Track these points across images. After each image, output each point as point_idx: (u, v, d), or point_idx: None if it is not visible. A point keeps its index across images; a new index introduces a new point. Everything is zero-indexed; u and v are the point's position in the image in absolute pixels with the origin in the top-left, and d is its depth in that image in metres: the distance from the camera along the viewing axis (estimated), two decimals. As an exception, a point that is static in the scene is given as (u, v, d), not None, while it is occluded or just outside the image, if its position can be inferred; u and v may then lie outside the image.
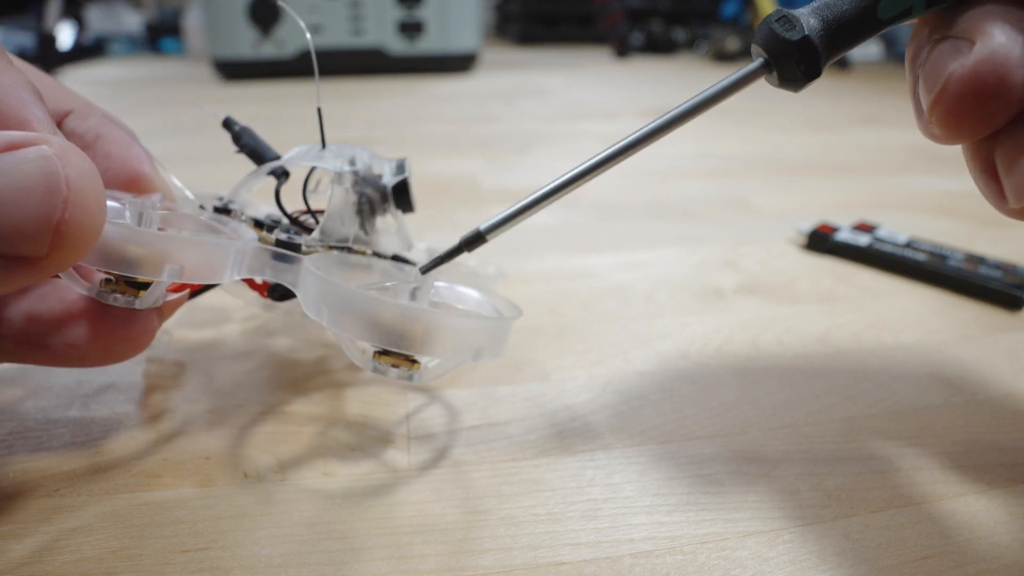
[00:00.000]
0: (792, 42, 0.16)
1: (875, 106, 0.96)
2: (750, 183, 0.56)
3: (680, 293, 0.35)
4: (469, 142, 0.70)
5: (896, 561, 0.18)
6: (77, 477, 0.21)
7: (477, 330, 0.19)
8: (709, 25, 1.82)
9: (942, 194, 0.54)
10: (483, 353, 0.19)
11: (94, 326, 0.18)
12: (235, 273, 0.19)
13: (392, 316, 0.18)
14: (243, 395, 0.25)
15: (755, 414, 0.25)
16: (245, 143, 0.25)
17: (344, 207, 0.23)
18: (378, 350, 0.19)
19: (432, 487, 0.21)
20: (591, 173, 0.19)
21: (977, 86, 0.14)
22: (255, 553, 0.18)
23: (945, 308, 0.34)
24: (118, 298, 0.18)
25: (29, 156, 0.13)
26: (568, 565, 0.18)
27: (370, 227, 0.24)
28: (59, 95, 0.22)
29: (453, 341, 0.18)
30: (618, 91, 1.07)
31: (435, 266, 0.21)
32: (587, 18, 1.84)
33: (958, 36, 0.15)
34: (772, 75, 0.17)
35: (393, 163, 0.25)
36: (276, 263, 0.20)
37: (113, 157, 0.21)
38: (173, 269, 0.17)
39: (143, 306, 0.19)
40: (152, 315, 0.19)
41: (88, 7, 1.76)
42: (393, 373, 0.19)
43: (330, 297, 0.18)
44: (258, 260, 0.20)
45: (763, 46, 0.16)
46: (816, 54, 0.16)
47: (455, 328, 0.18)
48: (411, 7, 1.18)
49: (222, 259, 0.18)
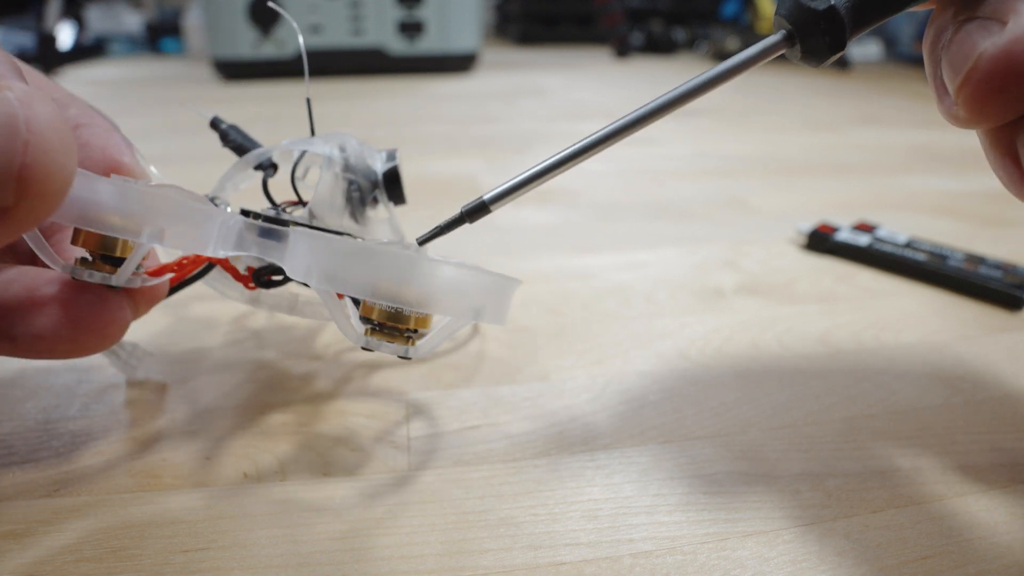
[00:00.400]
0: (818, 11, 0.16)
1: (875, 106, 0.96)
2: (750, 183, 0.56)
3: (680, 293, 0.35)
4: (469, 142, 0.70)
5: (896, 561, 0.18)
6: (77, 477, 0.21)
7: (477, 285, 0.18)
8: (709, 25, 1.82)
9: (942, 194, 0.54)
10: (484, 313, 0.18)
11: (62, 315, 0.17)
12: (220, 247, 0.18)
13: (387, 267, 0.17)
14: (243, 396, 0.25)
15: (755, 414, 0.25)
16: (232, 139, 0.25)
17: (334, 192, 0.22)
18: (373, 326, 0.18)
19: (432, 487, 0.21)
20: (598, 146, 0.18)
21: (1010, 66, 0.14)
22: (255, 553, 0.18)
23: (945, 308, 0.34)
24: (93, 274, 0.17)
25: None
26: (568, 565, 0.18)
27: (361, 217, 0.24)
28: (39, 84, 0.21)
29: (451, 295, 0.17)
30: (618, 91, 1.07)
31: (434, 236, 0.20)
32: (587, 18, 1.84)
33: (987, 16, 0.15)
34: (794, 48, 0.16)
35: (383, 153, 0.24)
36: (263, 240, 0.19)
37: (92, 147, 0.20)
38: (153, 231, 0.16)
39: (119, 282, 0.18)
40: (124, 304, 0.18)
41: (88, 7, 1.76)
42: (387, 348, 0.18)
43: (321, 253, 0.17)
44: (244, 235, 0.19)
45: (786, 16, 0.16)
46: (842, 25, 0.16)
47: (454, 280, 0.17)
48: (411, 7, 1.18)
49: (207, 227, 0.18)
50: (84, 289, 0.18)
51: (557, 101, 0.96)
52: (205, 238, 0.18)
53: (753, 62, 0.17)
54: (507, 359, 0.28)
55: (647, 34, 1.71)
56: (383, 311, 0.18)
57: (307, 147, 0.23)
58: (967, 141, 0.74)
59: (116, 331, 0.18)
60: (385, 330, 0.18)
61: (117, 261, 0.18)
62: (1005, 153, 0.16)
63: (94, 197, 0.16)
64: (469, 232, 0.42)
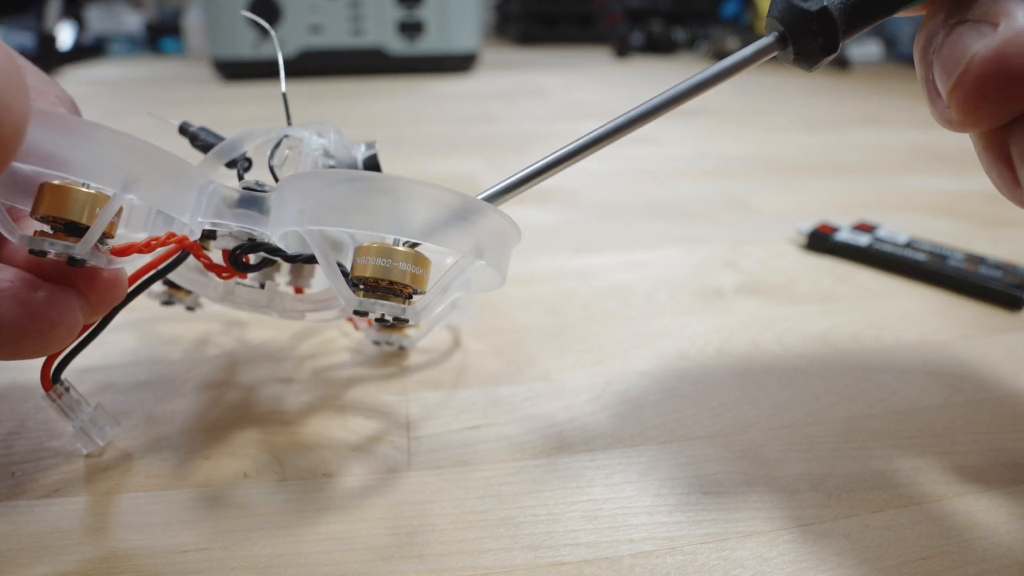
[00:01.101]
0: (811, 12, 0.15)
1: (875, 106, 0.96)
2: (750, 183, 0.56)
3: (680, 293, 0.35)
4: (469, 142, 0.70)
5: (896, 561, 0.18)
6: (77, 477, 0.21)
7: (480, 216, 0.17)
8: (709, 25, 1.82)
9: (942, 194, 0.54)
10: (486, 253, 0.17)
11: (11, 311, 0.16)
12: (197, 213, 0.17)
13: (387, 191, 0.15)
14: (243, 396, 0.25)
15: (755, 414, 0.25)
16: (202, 140, 0.24)
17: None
18: (364, 289, 0.17)
19: (432, 487, 0.21)
20: (593, 146, 0.18)
21: (1003, 67, 0.14)
22: (255, 553, 0.18)
23: (945, 308, 0.34)
24: (55, 243, 0.16)
25: None
26: (568, 565, 0.18)
27: None
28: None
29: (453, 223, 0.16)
30: (618, 91, 1.07)
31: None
32: (587, 18, 1.84)
33: (979, 19, 0.15)
34: (787, 50, 0.16)
35: (362, 145, 0.24)
36: (243, 210, 0.17)
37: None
38: (128, 180, 0.15)
39: (82, 253, 0.16)
40: (74, 304, 0.17)
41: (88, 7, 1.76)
42: (383, 307, 0.17)
43: (314, 190, 0.16)
44: (223, 203, 0.17)
45: (779, 18, 0.16)
46: (835, 27, 0.15)
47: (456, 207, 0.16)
48: (411, 7, 1.18)
49: (185, 186, 0.16)
50: (33, 286, 0.16)
51: (557, 101, 0.96)
52: (182, 200, 0.16)
53: (746, 64, 0.17)
54: (507, 359, 0.28)
55: (647, 34, 1.71)
56: (377, 267, 0.17)
57: (286, 131, 0.22)
58: (967, 141, 0.74)
59: (65, 333, 0.17)
60: (379, 291, 0.17)
61: (81, 231, 0.16)
62: (998, 156, 0.16)
63: (59, 135, 0.14)
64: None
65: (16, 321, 0.16)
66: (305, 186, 0.16)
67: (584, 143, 0.18)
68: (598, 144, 0.18)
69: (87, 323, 0.18)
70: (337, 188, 0.16)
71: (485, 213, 0.17)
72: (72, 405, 0.21)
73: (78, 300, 0.17)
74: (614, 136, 0.18)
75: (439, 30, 1.21)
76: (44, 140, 0.14)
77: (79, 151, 0.15)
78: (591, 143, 0.18)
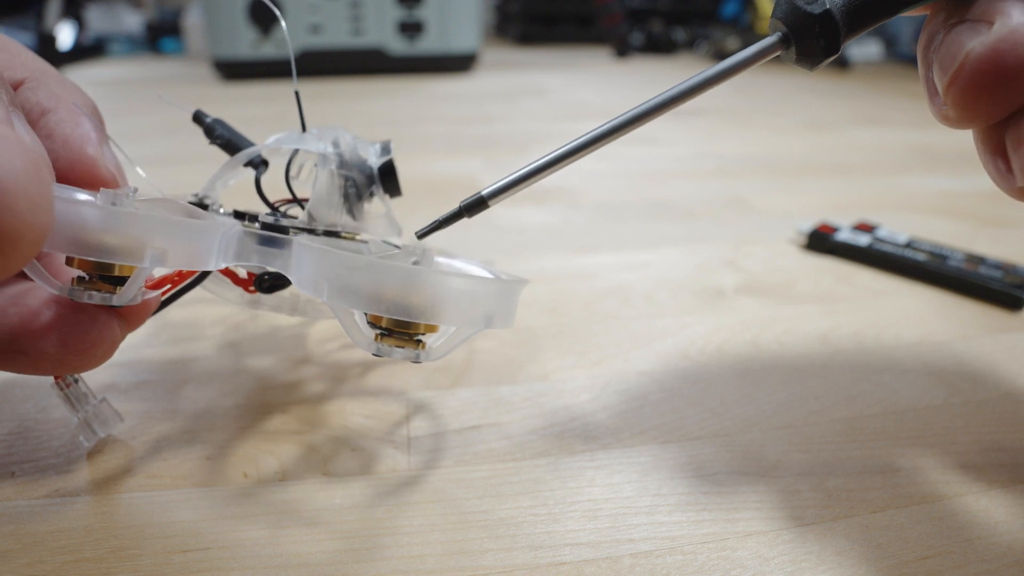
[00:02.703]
0: (814, 15, 0.16)
1: (875, 106, 0.96)
2: (750, 183, 0.56)
3: (681, 293, 0.35)
4: (469, 142, 0.70)
5: (896, 561, 0.18)
6: (77, 477, 0.21)
7: (486, 293, 0.18)
8: (709, 25, 1.82)
9: (942, 194, 0.54)
10: (495, 320, 0.18)
11: (53, 336, 0.17)
12: (221, 260, 0.18)
13: (397, 281, 0.16)
14: (242, 397, 0.25)
15: (755, 414, 0.25)
16: (219, 135, 0.23)
17: (330, 190, 0.22)
18: (382, 332, 0.18)
19: (432, 487, 0.21)
20: (595, 144, 0.18)
21: (996, 64, 0.14)
22: (255, 553, 0.18)
23: (945, 308, 0.34)
24: (92, 295, 0.17)
25: None
26: (568, 565, 0.18)
27: (358, 212, 0.23)
28: (10, 62, 0.19)
29: (462, 306, 0.17)
30: (618, 91, 1.07)
31: (433, 231, 0.20)
32: (587, 18, 1.84)
33: (976, 19, 0.15)
34: (789, 51, 0.17)
35: (377, 145, 0.24)
36: (264, 248, 0.18)
37: (55, 137, 0.18)
38: (155, 254, 0.16)
39: (121, 302, 0.17)
40: (113, 323, 0.18)
41: (88, 7, 1.76)
42: (398, 354, 0.18)
43: (330, 268, 0.17)
44: (245, 245, 0.18)
45: (782, 19, 0.16)
46: (837, 28, 0.16)
47: (463, 291, 0.17)
48: (411, 7, 1.18)
49: (208, 242, 0.17)
50: (77, 308, 0.17)
51: (557, 101, 0.96)
52: (207, 253, 0.17)
53: (748, 63, 0.17)
54: (507, 359, 0.28)
55: (647, 34, 1.71)
56: (392, 318, 0.18)
57: (300, 145, 0.22)
58: (967, 141, 0.74)
59: (106, 351, 0.18)
60: (394, 335, 0.18)
61: (115, 280, 0.17)
62: (995, 151, 0.16)
63: (85, 224, 0.15)
64: (471, 232, 0.42)
65: (62, 342, 0.17)
66: (322, 261, 0.17)
67: (587, 140, 0.18)
68: (601, 141, 0.18)
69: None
70: (353, 275, 0.17)
71: (493, 290, 0.18)
72: (79, 396, 0.21)
73: (117, 321, 0.18)
74: (618, 133, 0.18)
75: (439, 30, 1.21)
76: (70, 232, 0.15)
77: (106, 237, 0.15)
78: (594, 139, 0.18)
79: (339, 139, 0.23)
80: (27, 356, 0.17)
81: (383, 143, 0.24)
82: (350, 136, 0.23)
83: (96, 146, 0.19)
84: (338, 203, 0.23)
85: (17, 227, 0.12)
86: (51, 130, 0.19)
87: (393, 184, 0.24)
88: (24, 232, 0.12)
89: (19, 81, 0.19)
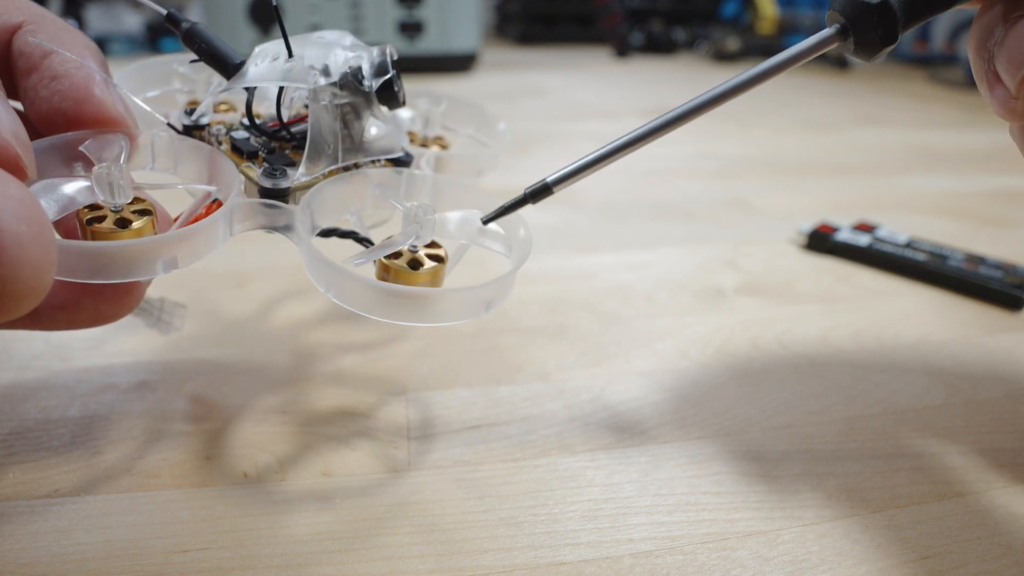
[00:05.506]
0: (872, 5, 0.16)
1: (875, 106, 0.96)
2: (751, 183, 0.56)
3: (681, 293, 0.35)
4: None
5: (896, 561, 0.18)
6: (77, 477, 0.21)
7: (483, 292, 0.18)
8: (709, 25, 1.82)
9: (942, 194, 0.54)
10: (493, 304, 0.18)
11: (81, 288, 0.18)
12: (227, 237, 0.18)
13: (398, 295, 0.17)
14: (242, 396, 0.25)
15: (755, 414, 0.25)
16: (201, 47, 0.21)
17: (326, 127, 0.21)
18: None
19: (432, 487, 0.21)
20: (658, 132, 0.19)
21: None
22: (255, 553, 0.18)
23: (945, 308, 0.34)
24: None
25: None
26: (568, 565, 0.18)
27: (357, 133, 0.22)
28: (6, 6, 0.19)
29: (459, 306, 0.18)
30: (618, 91, 1.07)
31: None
32: (587, 18, 1.84)
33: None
34: (847, 42, 0.17)
35: (374, 52, 0.22)
36: (267, 210, 0.19)
37: (60, 78, 0.18)
38: (167, 261, 0.17)
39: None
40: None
41: (88, 7, 1.76)
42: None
43: (332, 279, 0.17)
44: (247, 214, 0.19)
45: (841, 11, 0.17)
46: (895, 19, 0.16)
47: (457, 300, 0.18)
48: (411, 7, 1.18)
49: (214, 234, 0.18)
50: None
51: (557, 101, 0.96)
52: (215, 240, 0.18)
53: (806, 55, 0.17)
54: (507, 359, 0.28)
55: (647, 34, 1.71)
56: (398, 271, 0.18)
57: (286, 80, 0.21)
58: (967, 142, 0.74)
59: (135, 298, 0.19)
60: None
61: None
62: None
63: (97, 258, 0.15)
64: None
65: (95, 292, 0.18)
66: (325, 273, 0.17)
67: (648, 129, 0.18)
68: (663, 129, 0.18)
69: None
70: (359, 289, 0.17)
71: (487, 289, 0.18)
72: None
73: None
74: (679, 122, 0.18)
75: (439, 30, 1.21)
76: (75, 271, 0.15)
77: (111, 273, 0.16)
78: (656, 129, 0.18)
79: (330, 65, 0.21)
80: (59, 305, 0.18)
81: (380, 48, 0.22)
82: (341, 49, 0.21)
83: (102, 85, 0.19)
84: (335, 135, 0.21)
85: (20, 291, 0.12)
86: (55, 71, 0.18)
87: (392, 97, 0.22)
88: (26, 294, 0.12)
89: (17, 24, 0.19)
